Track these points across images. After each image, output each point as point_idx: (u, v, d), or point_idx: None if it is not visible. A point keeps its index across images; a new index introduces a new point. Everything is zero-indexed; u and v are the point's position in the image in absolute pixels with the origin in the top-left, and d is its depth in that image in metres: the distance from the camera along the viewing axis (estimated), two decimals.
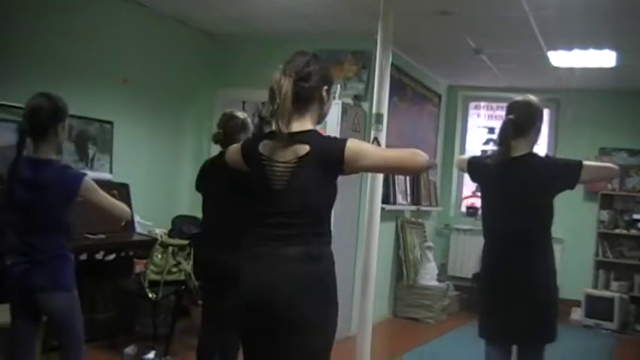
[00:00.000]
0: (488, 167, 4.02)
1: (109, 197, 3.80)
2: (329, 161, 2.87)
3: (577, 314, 9.12)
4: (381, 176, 5.37)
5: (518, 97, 4.09)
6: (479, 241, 9.68)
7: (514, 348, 4.09)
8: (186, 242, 6.09)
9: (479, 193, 4.30)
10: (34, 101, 3.72)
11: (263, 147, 2.94)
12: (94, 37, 6.57)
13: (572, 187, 4.05)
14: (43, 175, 3.62)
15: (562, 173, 3.95)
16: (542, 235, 3.98)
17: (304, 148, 2.86)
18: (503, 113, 4.28)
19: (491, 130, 10.39)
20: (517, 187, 3.90)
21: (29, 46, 5.94)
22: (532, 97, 4.08)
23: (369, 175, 5.32)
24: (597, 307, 8.98)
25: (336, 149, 2.86)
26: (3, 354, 3.96)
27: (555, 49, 7.44)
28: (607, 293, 9.12)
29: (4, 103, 5.70)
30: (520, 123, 3.92)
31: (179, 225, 6.71)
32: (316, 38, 7.42)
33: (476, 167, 4.22)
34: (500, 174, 3.93)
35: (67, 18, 6.26)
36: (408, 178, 8.94)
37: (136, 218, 6.80)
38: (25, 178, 3.63)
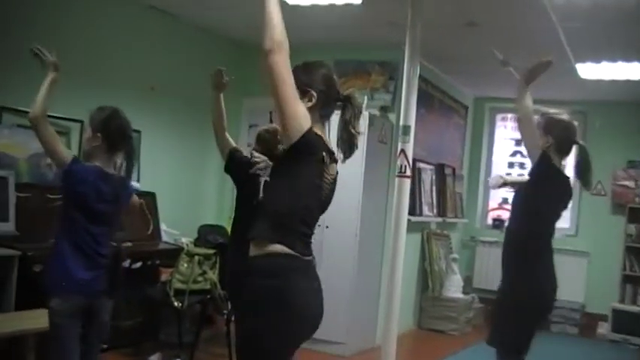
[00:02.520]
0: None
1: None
2: None
3: (604, 329, 9.02)
4: (407, 188, 5.35)
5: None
6: None
7: None
8: (211, 251, 6.11)
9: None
10: (112, 114, 3.83)
11: None
12: (121, 45, 6.63)
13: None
14: (117, 188, 3.78)
15: None
16: None
17: (336, 167, 2.91)
18: None
19: (518, 142, 10.35)
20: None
21: (56, 55, 5.99)
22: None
23: (396, 186, 5.31)
24: (624, 322, 8.88)
25: None
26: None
27: (584, 61, 7.41)
28: (634, 308, 9.02)
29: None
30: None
31: (205, 234, 6.73)
32: (343, 49, 7.43)
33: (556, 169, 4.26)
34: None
35: (96, 27, 6.33)
36: (433, 189, 8.94)
37: (162, 227, 6.83)
38: (105, 191, 3.73)
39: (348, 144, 2.90)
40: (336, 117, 2.97)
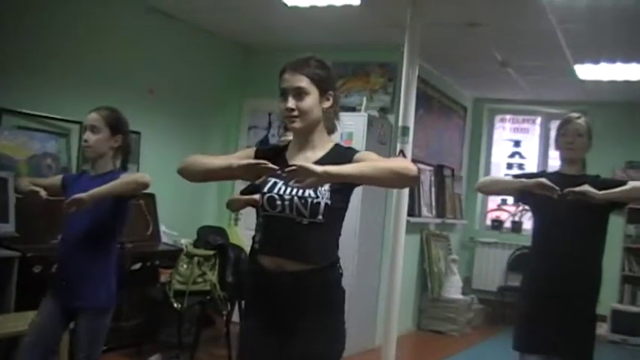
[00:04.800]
0: None
1: None
2: None
3: (603, 329, 9.02)
4: (406, 189, 5.35)
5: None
6: (504, 255, 9.66)
7: None
8: (211, 252, 6.11)
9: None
10: (123, 115, 3.90)
11: None
12: (121, 47, 6.62)
13: None
14: None
15: None
16: None
17: None
18: (528, 126, 4.36)
19: (516, 143, 10.39)
20: None
21: (56, 57, 6.01)
22: None
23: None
24: (623, 323, 8.89)
25: None
26: None
27: (582, 62, 7.42)
28: (633, 308, 9.04)
29: (35, 113, 5.80)
30: None
31: (205, 235, 6.73)
32: (343, 50, 7.43)
33: None
34: None
35: (95, 28, 6.32)
36: (432, 190, 8.94)
37: (162, 228, 6.84)
38: None
39: None
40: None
